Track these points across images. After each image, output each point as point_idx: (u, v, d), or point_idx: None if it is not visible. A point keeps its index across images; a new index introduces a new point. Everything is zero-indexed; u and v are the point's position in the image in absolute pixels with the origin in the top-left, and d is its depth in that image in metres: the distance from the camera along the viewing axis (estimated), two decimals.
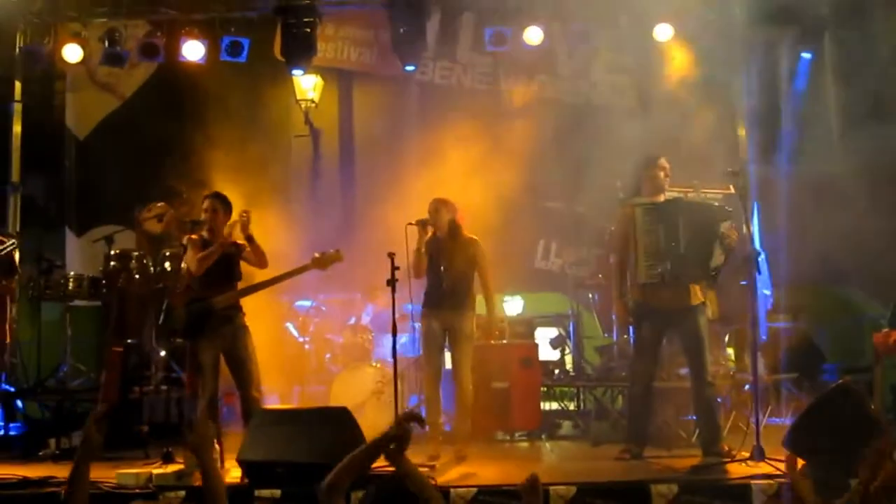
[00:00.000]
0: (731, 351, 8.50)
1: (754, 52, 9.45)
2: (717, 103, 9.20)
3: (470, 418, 7.04)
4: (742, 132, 9.33)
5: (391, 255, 6.56)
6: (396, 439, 3.71)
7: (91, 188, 10.10)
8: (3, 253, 6.85)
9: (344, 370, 8.35)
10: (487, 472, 6.27)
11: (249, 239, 6.83)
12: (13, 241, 6.96)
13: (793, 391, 8.28)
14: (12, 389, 8.47)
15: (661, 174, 6.62)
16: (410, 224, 6.89)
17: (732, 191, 7.29)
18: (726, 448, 6.31)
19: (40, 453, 7.30)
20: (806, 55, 9.53)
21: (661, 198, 6.63)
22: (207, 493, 4.02)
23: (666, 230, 6.37)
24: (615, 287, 6.82)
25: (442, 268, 6.98)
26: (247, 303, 7.04)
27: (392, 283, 6.52)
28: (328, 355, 8.77)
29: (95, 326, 9.31)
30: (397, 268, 6.55)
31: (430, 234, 7.03)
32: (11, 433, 8.09)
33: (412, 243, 6.92)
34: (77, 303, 8.93)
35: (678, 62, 9.30)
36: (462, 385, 6.96)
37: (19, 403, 8.65)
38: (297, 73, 9.68)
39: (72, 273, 8.60)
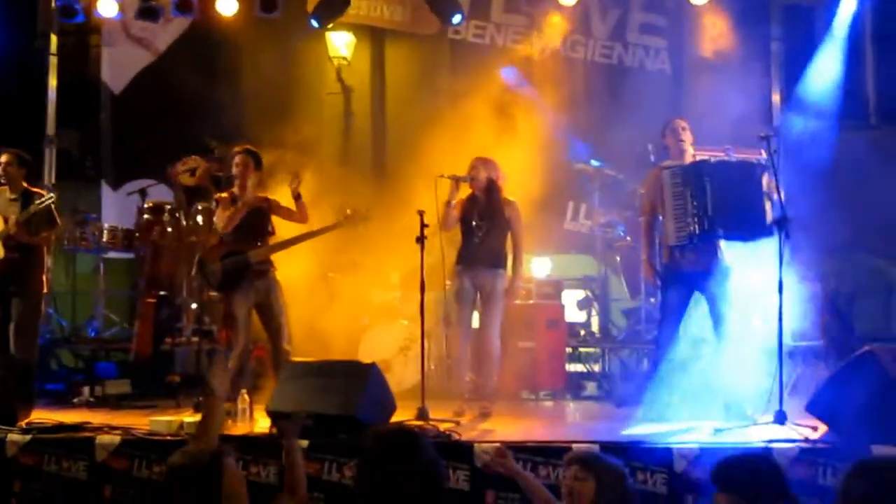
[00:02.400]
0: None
1: (791, 13, 9.34)
2: (751, 65, 9.10)
3: (496, 376, 7.12)
4: (776, 96, 9.23)
5: (420, 213, 6.61)
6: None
7: (126, 142, 10.22)
8: (42, 206, 6.96)
9: (373, 327, 8.44)
10: (512, 429, 6.37)
11: (298, 197, 6.95)
12: (52, 195, 7.08)
13: (820, 359, 8.27)
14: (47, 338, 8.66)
15: (681, 135, 6.60)
16: (442, 177, 6.93)
17: (764, 155, 7.23)
18: (749, 412, 6.36)
19: (74, 400, 7.49)
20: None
21: (689, 158, 6.62)
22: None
23: (693, 192, 6.36)
24: (644, 250, 6.85)
25: (475, 225, 7.04)
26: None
27: (421, 240, 6.58)
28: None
29: (129, 278, 9.47)
30: (426, 225, 6.61)
31: (462, 190, 7.06)
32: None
33: (442, 196, 6.96)
34: (111, 255, 9.08)
35: (713, 23, 9.19)
36: (490, 343, 7.04)
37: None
38: (315, 24, 9.62)
39: (106, 225, 8.74)
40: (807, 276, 8.97)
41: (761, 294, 8.12)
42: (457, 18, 9.50)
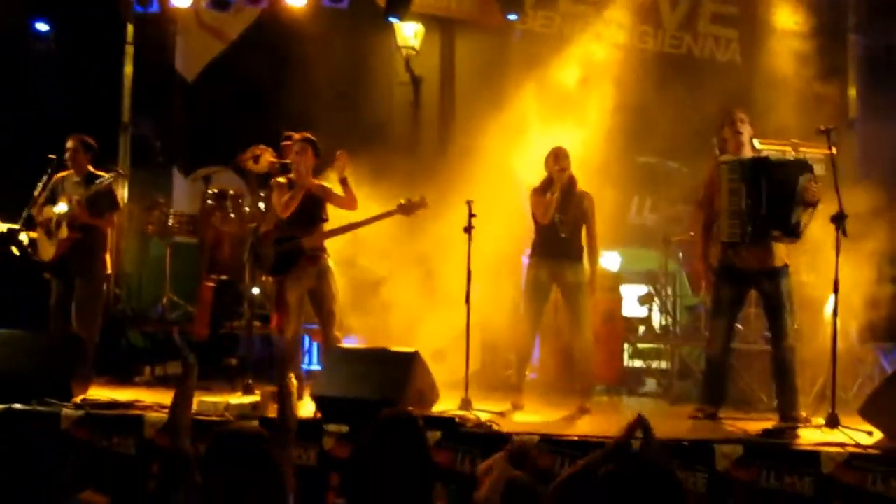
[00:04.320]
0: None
1: (870, 3, 8.98)
2: (826, 58, 8.78)
3: (593, 370, 7.04)
4: (852, 90, 8.89)
5: (469, 203, 6.60)
6: None
7: (198, 129, 10.43)
8: (103, 186, 7.14)
9: (430, 315, 8.43)
10: (554, 422, 6.33)
11: (344, 181, 6.99)
12: (111, 175, 7.24)
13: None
14: (116, 318, 8.91)
15: (739, 127, 6.41)
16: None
17: (834, 151, 6.97)
18: (804, 414, 6.17)
19: (136, 379, 7.71)
20: None
21: (748, 153, 6.43)
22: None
23: (749, 189, 6.19)
24: (699, 246, 6.68)
25: (557, 218, 6.94)
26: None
27: (469, 230, 6.58)
28: None
29: (196, 262, 9.66)
30: (474, 215, 6.60)
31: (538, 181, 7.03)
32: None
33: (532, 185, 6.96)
34: (180, 239, 9.28)
35: (787, 14, 8.89)
36: (584, 336, 6.91)
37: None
38: (394, 20, 9.67)
39: (172, 210, 8.95)
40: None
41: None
42: (512, 17, 9.44)
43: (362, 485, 3.01)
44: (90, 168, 7.40)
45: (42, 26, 9.74)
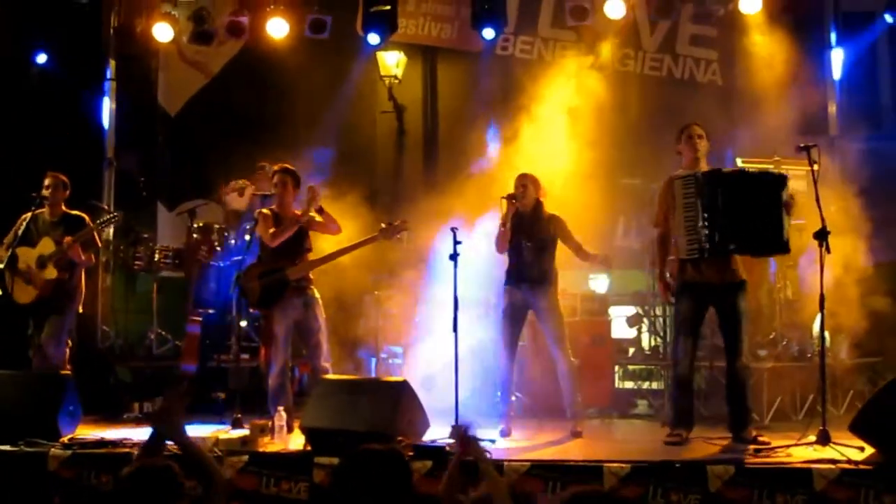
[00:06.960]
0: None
1: (849, 22, 9.07)
2: (806, 75, 8.85)
3: (579, 393, 6.97)
4: (833, 106, 8.96)
5: (453, 230, 6.58)
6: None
7: (181, 163, 10.41)
8: (101, 226, 7.24)
9: (420, 341, 8.42)
10: (548, 447, 6.29)
11: (320, 210, 6.98)
12: (112, 216, 7.31)
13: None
14: (104, 356, 8.85)
15: (696, 143, 6.34)
16: (503, 198, 6.88)
17: (816, 168, 6.99)
18: (754, 434, 6.10)
19: (124, 416, 7.64)
20: None
21: (703, 167, 6.34)
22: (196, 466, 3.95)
23: (705, 202, 6.09)
24: (657, 264, 6.60)
25: (524, 244, 6.95)
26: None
27: (454, 257, 6.55)
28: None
29: (183, 297, 9.62)
30: (459, 242, 6.58)
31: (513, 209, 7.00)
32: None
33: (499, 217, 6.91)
34: (166, 274, 9.24)
35: (765, 33, 8.97)
36: (567, 359, 6.87)
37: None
38: (374, 42, 9.63)
39: (158, 245, 8.93)
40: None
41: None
42: (489, 34, 9.40)
43: None
44: (64, 207, 7.35)
45: (41, 58, 9.65)
